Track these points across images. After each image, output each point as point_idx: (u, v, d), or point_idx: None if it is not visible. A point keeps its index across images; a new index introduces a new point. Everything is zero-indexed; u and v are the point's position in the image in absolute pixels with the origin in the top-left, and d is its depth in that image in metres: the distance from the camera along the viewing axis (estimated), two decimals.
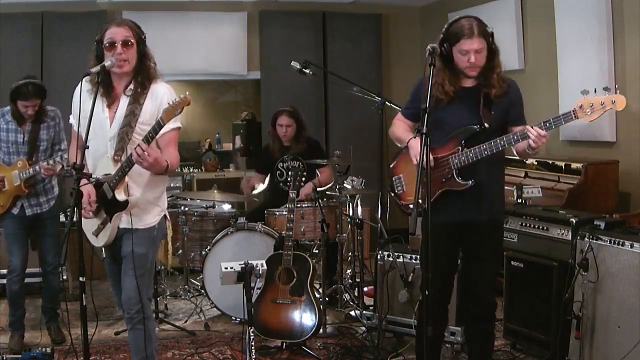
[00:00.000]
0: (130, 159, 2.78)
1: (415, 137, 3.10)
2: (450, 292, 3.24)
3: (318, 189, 4.74)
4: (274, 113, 5.34)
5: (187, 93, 2.69)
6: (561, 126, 5.02)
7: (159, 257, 4.60)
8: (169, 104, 2.70)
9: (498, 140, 2.91)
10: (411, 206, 3.18)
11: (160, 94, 2.95)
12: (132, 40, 2.90)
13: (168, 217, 3.17)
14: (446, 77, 3.01)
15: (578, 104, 2.77)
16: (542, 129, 2.81)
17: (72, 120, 3.08)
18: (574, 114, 2.77)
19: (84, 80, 2.93)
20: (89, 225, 3.04)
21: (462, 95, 3.02)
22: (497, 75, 3.00)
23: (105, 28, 2.92)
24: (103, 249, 3.10)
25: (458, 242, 3.17)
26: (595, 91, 2.77)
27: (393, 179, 3.33)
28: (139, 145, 2.71)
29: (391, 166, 3.35)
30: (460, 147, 3.00)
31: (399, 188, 3.30)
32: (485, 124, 2.98)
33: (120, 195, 2.87)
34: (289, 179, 4.31)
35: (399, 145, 3.30)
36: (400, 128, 3.29)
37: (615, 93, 2.76)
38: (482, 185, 3.02)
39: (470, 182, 2.99)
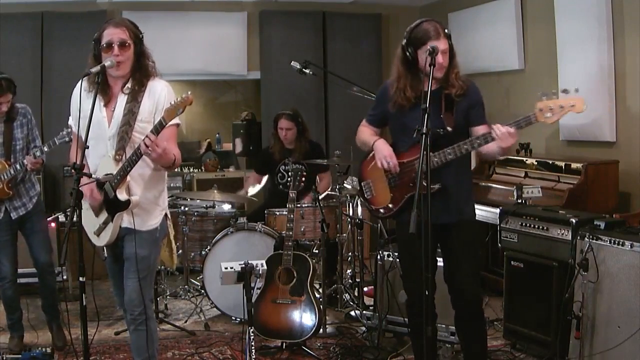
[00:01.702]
0: (132, 158, 2.78)
1: (380, 139, 3.18)
2: (432, 290, 3.22)
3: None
4: (275, 116, 5.34)
5: (190, 92, 2.68)
6: (561, 126, 5.12)
7: (163, 259, 4.59)
8: (171, 103, 2.70)
9: (462, 145, 2.93)
10: (382, 211, 3.23)
11: (158, 91, 2.95)
12: (129, 42, 2.89)
13: (169, 216, 3.17)
14: (408, 82, 3.04)
15: (538, 107, 2.78)
16: (511, 127, 2.81)
17: (71, 121, 3.08)
18: (534, 117, 2.79)
19: (82, 80, 2.93)
20: (90, 225, 3.04)
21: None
22: (455, 76, 3.03)
23: (102, 28, 2.92)
24: (105, 248, 3.10)
25: (434, 241, 3.16)
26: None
27: (362, 183, 3.33)
28: (147, 136, 2.71)
29: (360, 169, 3.35)
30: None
31: (368, 193, 3.31)
32: (448, 127, 3.00)
33: (122, 195, 2.87)
34: (289, 182, 4.31)
35: (365, 149, 3.32)
36: (366, 133, 3.31)
37: (575, 94, 2.74)
38: (449, 188, 3.04)
39: (437, 185, 3.00)
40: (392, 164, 3.09)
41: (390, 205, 3.19)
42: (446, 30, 2.99)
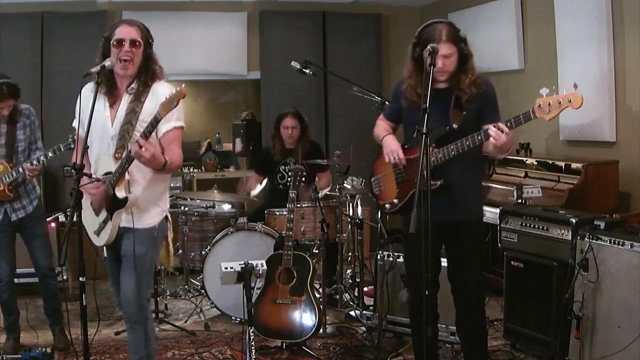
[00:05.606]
0: (130, 155, 2.78)
1: (389, 134, 3.22)
2: (435, 290, 3.23)
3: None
4: (277, 115, 5.33)
5: (183, 85, 2.68)
6: (561, 126, 5.12)
7: (160, 259, 4.59)
8: (165, 97, 2.70)
9: (464, 140, 2.94)
10: (387, 206, 3.25)
11: (162, 93, 2.94)
12: (140, 41, 2.91)
13: (169, 218, 3.17)
14: (418, 80, 3.02)
15: (537, 103, 2.79)
16: (505, 126, 2.83)
17: (75, 123, 3.09)
18: (533, 113, 2.80)
19: (87, 80, 2.94)
20: (90, 224, 3.05)
21: (434, 97, 3.01)
22: (469, 80, 3.02)
23: (115, 26, 2.93)
24: (104, 248, 3.10)
25: (439, 240, 3.17)
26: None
27: (372, 179, 3.38)
28: (137, 140, 2.72)
29: (373, 166, 3.39)
30: (431, 148, 3.01)
31: (377, 189, 3.36)
32: (454, 125, 3.00)
33: (120, 193, 2.87)
34: (289, 182, 4.30)
35: (378, 143, 3.34)
36: (380, 127, 3.36)
37: (573, 90, 2.75)
38: (454, 185, 3.05)
39: (440, 182, 3.01)
40: (399, 159, 3.10)
41: (395, 201, 3.21)
42: (461, 34, 2.98)
